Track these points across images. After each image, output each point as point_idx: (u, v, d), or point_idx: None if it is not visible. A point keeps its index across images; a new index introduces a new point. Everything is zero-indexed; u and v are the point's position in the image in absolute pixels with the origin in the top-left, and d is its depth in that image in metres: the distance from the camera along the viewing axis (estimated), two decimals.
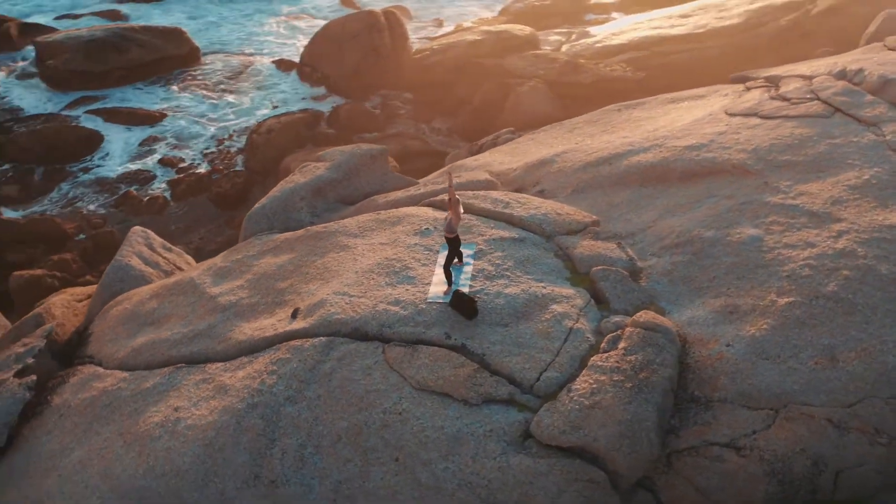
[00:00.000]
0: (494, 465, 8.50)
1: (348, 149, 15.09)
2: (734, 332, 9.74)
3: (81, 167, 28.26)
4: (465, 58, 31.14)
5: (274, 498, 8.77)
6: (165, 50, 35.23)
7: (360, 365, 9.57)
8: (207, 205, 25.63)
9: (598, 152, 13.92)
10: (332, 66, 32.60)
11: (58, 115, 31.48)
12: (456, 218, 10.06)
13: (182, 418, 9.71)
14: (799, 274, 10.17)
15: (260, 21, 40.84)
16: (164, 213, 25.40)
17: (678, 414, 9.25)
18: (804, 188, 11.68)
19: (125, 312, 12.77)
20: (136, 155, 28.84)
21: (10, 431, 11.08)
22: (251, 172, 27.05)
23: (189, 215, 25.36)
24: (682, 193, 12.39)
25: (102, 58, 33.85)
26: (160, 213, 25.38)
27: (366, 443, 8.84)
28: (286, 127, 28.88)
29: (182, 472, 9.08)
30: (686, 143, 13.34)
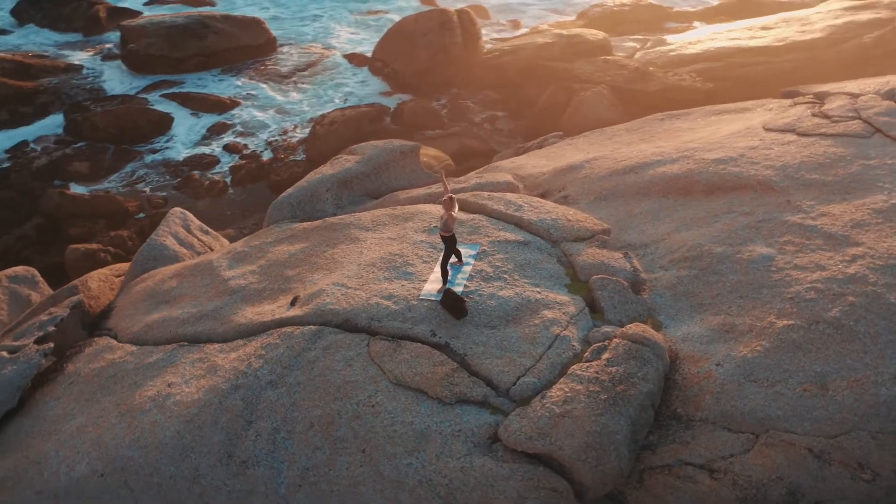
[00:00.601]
0: (457, 465, 8.55)
1: (380, 143, 15.32)
2: (726, 352, 9.54)
3: (150, 148, 29.38)
4: (534, 60, 31.12)
5: (244, 477, 9.02)
6: (243, 39, 36.31)
7: (342, 355, 9.76)
8: (265, 191, 26.28)
9: (626, 161, 13.78)
10: (403, 62, 33.01)
11: (133, 97, 32.81)
12: (451, 217, 10.14)
13: (172, 394, 10.08)
14: (803, 297, 9.88)
15: (339, 15, 41.60)
16: (223, 197, 26.18)
17: (658, 430, 9.12)
18: (827, 209, 11.32)
19: (146, 289, 13.29)
20: (203, 139, 29.81)
21: (23, 394, 11.60)
22: (310, 162, 27.58)
23: (246, 201, 26.07)
24: (702, 207, 12.16)
25: (181, 44, 35.13)
26: (219, 197, 26.16)
27: (336, 432, 9.01)
28: (350, 120, 29.39)
29: (162, 446, 9.43)
30: (715, 156, 13.08)
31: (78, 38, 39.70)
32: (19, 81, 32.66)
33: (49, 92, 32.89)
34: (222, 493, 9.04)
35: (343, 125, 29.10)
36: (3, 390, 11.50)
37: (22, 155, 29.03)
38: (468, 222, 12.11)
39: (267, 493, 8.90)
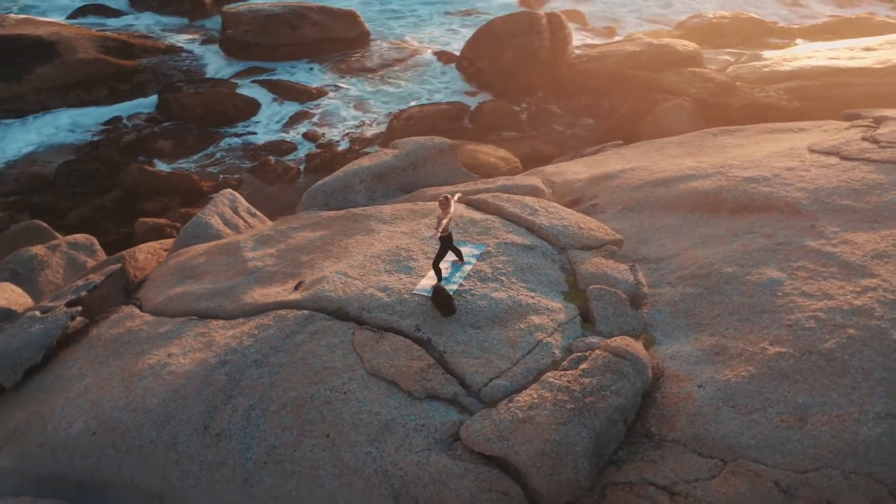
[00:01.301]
0: (414, 458, 8.68)
1: (421, 139, 15.54)
2: (711, 374, 9.33)
3: (233, 132, 30.49)
4: (620, 67, 30.78)
5: (216, 449, 9.39)
6: (337, 31, 37.23)
7: (327, 342, 10.02)
8: None
9: (660, 173, 13.57)
10: (489, 62, 33.17)
11: (225, 80, 34.11)
12: (444, 217, 10.25)
13: (169, 364, 10.57)
14: (802, 325, 9.56)
15: (436, 13, 42.06)
16: (295, 183, 26.93)
17: (629, 447, 9.00)
18: (851, 237, 10.88)
19: (178, 264, 13.92)
20: (284, 126, 30.73)
21: (47, 352, 12.33)
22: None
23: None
24: (725, 225, 11.88)
25: (276, 32, 36.29)
26: (291, 183, 26.94)
27: (306, 414, 9.27)
28: (428, 116, 29.77)
29: (148, 411, 9.91)
30: (749, 174, 12.73)
31: (183, 22, 41.49)
32: (121, 60, 34.42)
33: (147, 71, 34.53)
34: (195, 461, 9.43)
35: (420, 121, 29.50)
36: (29, 347, 12.27)
37: (114, 130, 30.64)
38: (481, 222, 12.19)
39: (235, 467, 9.24)
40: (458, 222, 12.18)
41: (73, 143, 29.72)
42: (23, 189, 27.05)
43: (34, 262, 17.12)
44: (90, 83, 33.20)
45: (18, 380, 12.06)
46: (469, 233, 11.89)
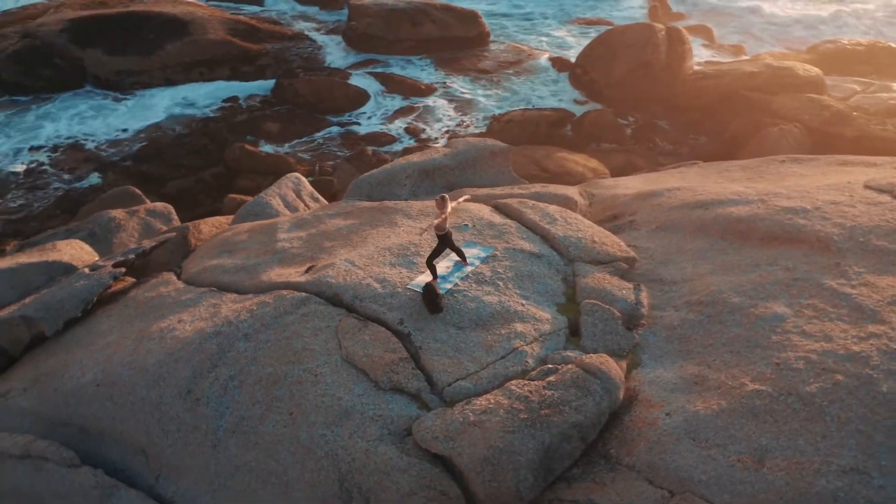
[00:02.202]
0: (364, 446, 8.88)
1: (473, 140, 15.68)
2: (682, 403, 9.07)
3: (339, 121, 31.49)
4: (734, 87, 29.86)
5: (193, 412, 9.90)
6: (457, 30, 37.73)
7: (314, 325, 10.36)
8: None
9: (703, 195, 13.19)
10: (601, 72, 32.84)
11: (340, 70, 35.23)
12: (440, 217, 10.36)
13: (175, 329, 11.18)
14: (790, 365, 9.15)
15: (560, 19, 41.87)
16: None
17: (585, 466, 8.89)
18: (874, 279, 10.29)
19: (224, 238, 14.63)
20: (388, 119, 31.44)
21: (87, 307, 13.22)
22: None
23: None
24: (749, 254, 11.45)
25: (397, 27, 37.17)
26: None
27: (277, 391, 9.64)
28: (529, 121, 29.81)
29: (144, 370, 10.54)
30: (790, 204, 12.21)
31: (315, 11, 43.03)
32: (247, 43, 36.12)
33: (270, 56, 36.08)
34: (174, 422, 9.98)
35: (520, 125, 29.57)
36: (71, 300, 13.19)
37: (229, 108, 32.24)
38: (499, 226, 12.24)
39: (207, 432, 9.73)
40: (477, 224, 12.27)
41: (190, 118, 31.44)
42: (136, 157, 28.90)
43: (111, 225, 18.29)
44: (214, 63, 35.02)
45: (59, 329, 12.94)
46: (483, 235, 11.97)
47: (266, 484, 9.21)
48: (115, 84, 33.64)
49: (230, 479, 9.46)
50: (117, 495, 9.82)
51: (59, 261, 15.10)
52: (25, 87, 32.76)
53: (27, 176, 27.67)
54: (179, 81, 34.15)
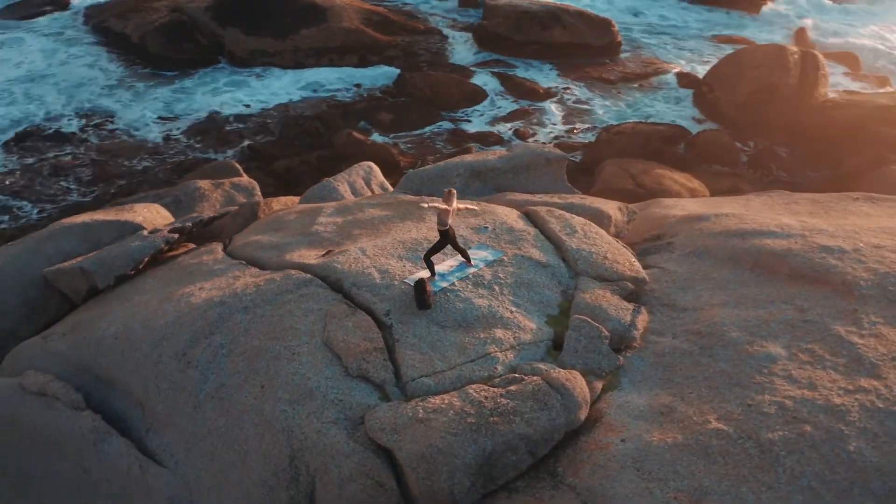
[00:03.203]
0: (318, 427, 9.15)
1: (531, 145, 15.63)
2: (640, 432, 8.81)
3: (451, 116, 31.86)
4: (863, 119, 28.13)
5: (183, 374, 10.46)
6: (587, 37, 37.34)
7: (307, 306, 10.70)
8: None
9: (747, 224, 12.63)
10: (725, 92, 31.72)
11: (463, 67, 35.58)
12: (444, 211, 10.43)
13: (192, 294, 11.80)
14: (760, 408, 8.71)
15: (698, 35, 40.59)
16: None
17: (530, 480, 8.82)
18: (888, 332, 9.60)
19: (276, 217, 15.25)
20: (500, 119, 31.55)
21: (137, 266, 14.07)
22: (580, 166, 28.05)
23: None
24: (771, 289, 10.92)
25: (526, 29, 37.18)
26: None
27: (256, 364, 10.04)
28: (639, 134, 29.19)
29: (153, 330, 11.21)
30: (829, 242, 11.53)
31: (452, 7, 43.53)
32: (378, 34, 37.08)
33: (399, 48, 36.90)
34: (166, 381, 10.57)
35: (629, 137, 28.99)
36: (124, 258, 14.09)
37: (349, 95, 33.24)
38: (517, 232, 12.18)
39: (190, 394, 10.26)
40: (497, 228, 12.26)
41: (311, 101, 32.63)
42: (255, 133, 30.34)
43: (196, 194, 19.34)
44: (344, 50, 36.15)
45: (110, 284, 13.85)
46: (499, 239, 11.95)
47: (229, 449, 9.63)
48: (247, 62, 35.32)
49: (202, 440, 9.94)
50: (108, 441, 10.47)
51: (131, 221, 16.12)
52: (167, 60, 34.91)
53: (156, 143, 29.50)
54: (308, 65, 35.44)
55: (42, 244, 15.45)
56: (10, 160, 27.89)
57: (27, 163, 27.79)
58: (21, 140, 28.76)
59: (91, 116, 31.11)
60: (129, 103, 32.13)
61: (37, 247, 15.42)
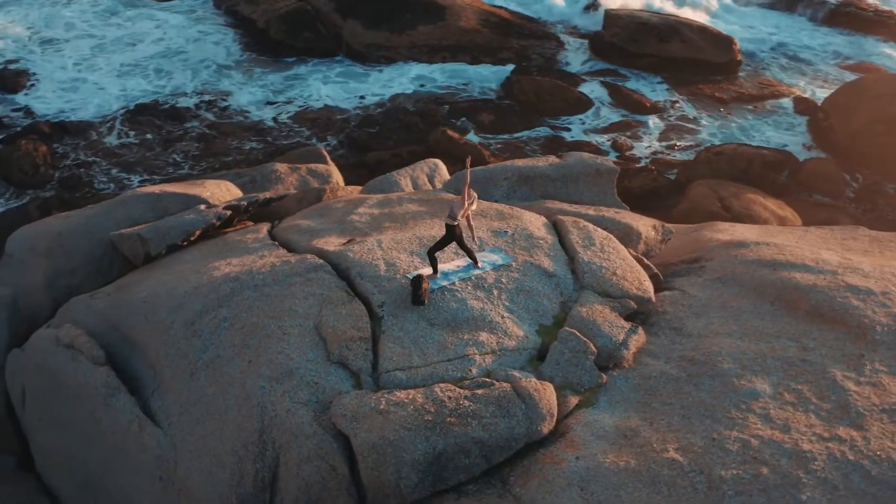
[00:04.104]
0: (288, 406, 9.44)
1: (584, 155, 15.38)
2: (596, 452, 8.66)
3: (552, 123, 31.66)
4: None
5: (187, 342, 10.99)
6: (706, 53, 36.21)
7: (310, 290, 11.00)
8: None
9: (782, 256, 12.07)
10: (841, 120, 30.11)
11: (573, 75, 35.23)
12: (460, 204, 10.46)
13: (217, 268, 12.32)
14: (724, 444, 8.39)
15: (826, 59, 38.61)
16: None
17: (482, 485, 8.83)
18: (889, 382, 9.04)
19: (326, 204, 15.69)
20: (601, 130, 31.11)
21: (188, 238, 14.71)
22: (672, 182, 27.36)
23: None
24: (784, 324, 10.45)
25: (643, 41, 36.43)
26: None
27: (250, 340, 10.42)
28: (741, 157, 28.13)
29: (174, 297, 11.82)
30: (858, 282, 10.90)
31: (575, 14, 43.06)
32: (494, 35, 37.22)
33: (512, 51, 36.92)
34: (173, 347, 11.13)
35: (729, 159, 27.98)
36: (177, 229, 14.79)
37: (455, 94, 33.52)
38: (535, 239, 12.07)
39: (189, 360, 10.78)
40: (517, 234, 12.19)
41: (417, 96, 33.10)
42: (359, 123, 31.04)
43: (272, 176, 20.06)
44: (458, 49, 36.48)
45: (161, 252, 14.57)
46: (515, 245, 11.89)
47: (211, 418, 10.06)
48: (363, 55, 36.15)
49: (192, 406, 10.42)
50: (116, 397, 11.09)
51: (198, 195, 16.87)
52: (287, 47, 36.17)
53: (265, 125, 30.67)
54: (421, 62, 35.91)
55: (113, 209, 16.39)
56: (128, 133, 29.58)
57: (141, 136, 29.42)
58: (139, 113, 30.47)
59: (207, 94, 32.64)
60: (245, 85, 33.53)
61: (108, 211, 16.37)
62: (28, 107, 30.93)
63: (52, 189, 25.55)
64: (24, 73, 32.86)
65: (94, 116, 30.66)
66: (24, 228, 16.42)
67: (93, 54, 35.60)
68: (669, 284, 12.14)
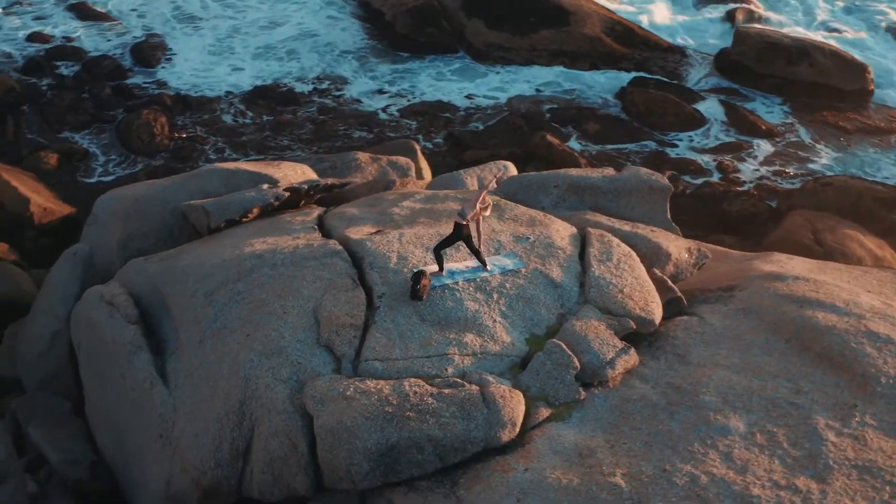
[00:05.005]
0: (268, 382, 9.85)
1: (641, 170, 14.98)
2: (546, 466, 8.61)
3: (660, 138, 30.85)
4: None
5: (202, 310, 11.56)
6: (834, 79, 34.30)
7: (320, 274, 11.34)
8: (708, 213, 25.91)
9: (815, 294, 11.43)
10: None
11: (691, 90, 34.18)
12: (471, 205, 10.52)
13: (252, 245, 12.83)
14: (672, 477, 8.16)
15: None
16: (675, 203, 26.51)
17: (433, 483, 8.92)
18: (875, 438, 8.51)
19: (381, 195, 15.96)
20: (709, 149, 30.10)
21: (245, 214, 15.32)
22: (772, 210, 26.24)
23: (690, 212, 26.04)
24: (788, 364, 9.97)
25: (770, 62, 34.87)
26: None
27: (254, 315, 10.86)
28: (851, 191, 26.55)
29: (204, 267, 12.48)
30: (881, 330, 10.22)
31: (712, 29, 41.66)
32: (617, 44, 36.64)
33: (633, 61, 36.19)
34: (191, 313, 11.76)
35: (839, 192, 26.46)
36: (236, 205, 15.42)
37: (566, 100, 33.23)
38: (554, 247, 11.92)
39: (200, 329, 11.34)
40: (538, 241, 12.08)
41: (529, 99, 32.98)
42: (464, 122, 31.29)
43: (352, 164, 20.60)
44: (577, 55, 36.10)
45: (220, 226, 15.25)
46: (533, 252, 11.81)
47: (207, 384, 10.57)
48: (483, 55, 36.30)
49: (195, 371, 10.97)
50: (138, 355, 11.79)
51: (269, 175, 17.54)
52: (409, 41, 36.80)
53: (375, 116, 31.36)
54: (539, 65, 35.78)
55: (189, 181, 17.31)
56: (245, 112, 30.89)
57: (256, 117, 30.65)
58: (258, 95, 31.74)
59: (326, 80, 33.63)
60: (361, 74, 34.36)
61: (185, 182, 17.29)
62: (161, 80, 32.73)
63: (162, 158, 27.00)
64: (162, 47, 34.71)
65: (218, 94, 32.19)
66: (111, 192, 17.53)
67: (228, 34, 37.24)
68: (691, 310, 11.75)
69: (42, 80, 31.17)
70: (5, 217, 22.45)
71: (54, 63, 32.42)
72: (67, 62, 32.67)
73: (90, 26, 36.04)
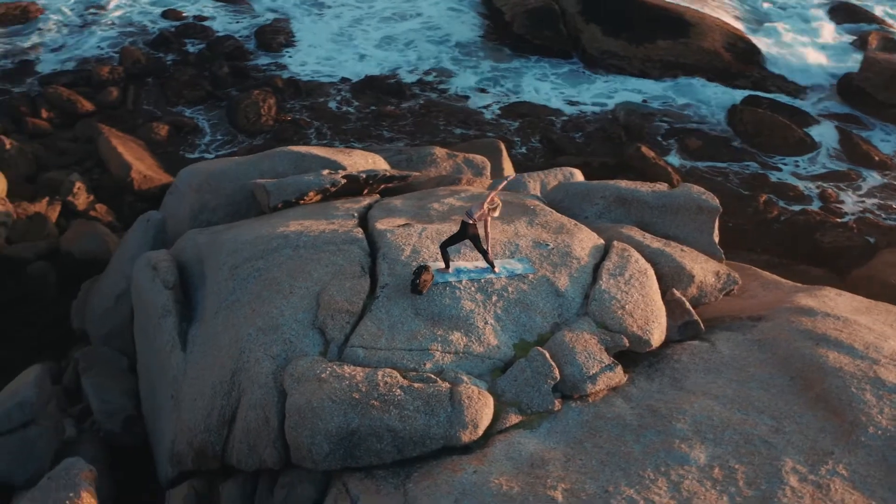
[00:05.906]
0: (258, 356, 10.27)
1: (695, 189, 14.44)
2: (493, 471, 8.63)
3: (764, 161, 29.62)
4: None
5: (224, 283, 12.09)
6: None
7: (333, 259, 11.64)
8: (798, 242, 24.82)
9: (836, 332, 10.81)
10: None
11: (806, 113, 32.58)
12: (479, 206, 10.54)
13: (287, 226, 13.21)
14: (611, 499, 8.05)
15: None
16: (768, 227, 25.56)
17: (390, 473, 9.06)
18: (842, 490, 8.04)
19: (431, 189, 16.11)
20: (814, 177, 28.73)
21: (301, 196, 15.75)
22: (868, 245, 24.82)
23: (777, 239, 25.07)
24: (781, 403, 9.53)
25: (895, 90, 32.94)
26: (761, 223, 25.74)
27: (264, 292, 11.30)
28: None
29: (237, 242, 12.98)
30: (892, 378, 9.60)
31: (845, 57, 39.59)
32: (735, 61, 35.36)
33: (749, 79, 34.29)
34: (216, 285, 12.37)
35: None
36: (293, 187, 15.85)
37: (673, 113, 32.37)
38: (571, 256, 11.76)
39: (220, 299, 11.93)
40: (557, 249, 11.91)
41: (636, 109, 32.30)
42: (562, 128, 31.04)
43: (428, 158, 20.83)
44: (692, 69, 35.03)
45: (277, 205, 15.77)
46: (548, 259, 11.69)
47: (211, 351, 11.11)
48: (595, 61, 35.82)
49: (207, 339, 11.55)
50: (166, 319, 12.44)
51: (338, 161, 18.01)
52: (524, 42, 36.72)
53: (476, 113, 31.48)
54: (651, 76, 34.99)
55: (261, 160, 17.94)
56: (351, 101, 31.66)
57: (361, 105, 31.36)
58: (366, 84, 32.45)
59: (434, 73, 34.00)
60: (471, 71, 34.53)
61: (257, 162, 17.94)
62: (281, 63, 33.90)
63: (263, 139, 28.04)
64: (286, 32, 35.92)
65: (332, 80, 33.07)
66: (193, 165, 18.46)
67: (352, 23, 38.12)
68: (707, 335, 11.35)
69: (168, 55, 32.94)
70: (110, 180, 23.99)
71: (182, 39, 34.19)
72: (194, 40, 34.37)
73: (223, 7, 37.71)
